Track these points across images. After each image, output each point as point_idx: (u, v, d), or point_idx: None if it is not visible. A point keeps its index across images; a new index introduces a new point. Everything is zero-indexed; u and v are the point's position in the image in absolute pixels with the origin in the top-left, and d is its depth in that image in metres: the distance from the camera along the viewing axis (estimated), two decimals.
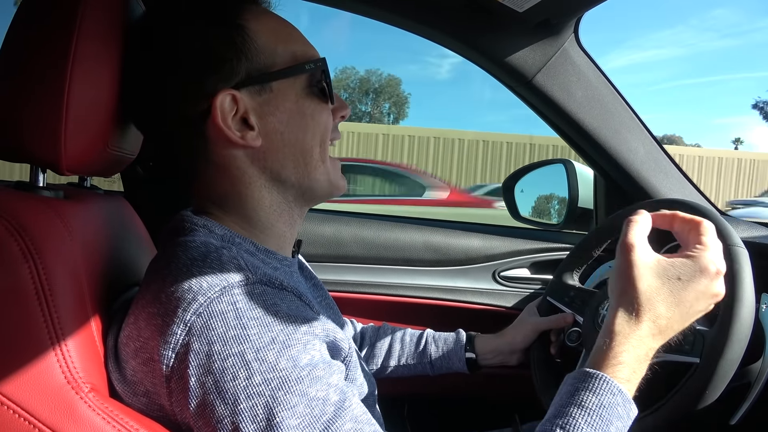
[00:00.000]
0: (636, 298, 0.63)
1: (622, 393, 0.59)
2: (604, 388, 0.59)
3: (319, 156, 0.69)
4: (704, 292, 0.65)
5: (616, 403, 0.59)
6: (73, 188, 0.78)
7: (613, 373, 0.60)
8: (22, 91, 0.59)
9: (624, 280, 0.64)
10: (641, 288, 0.63)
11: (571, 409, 0.58)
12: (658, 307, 0.63)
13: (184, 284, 0.55)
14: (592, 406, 0.58)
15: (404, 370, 1.04)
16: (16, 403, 0.51)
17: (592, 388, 0.59)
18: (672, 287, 0.64)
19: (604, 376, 0.60)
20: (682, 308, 0.64)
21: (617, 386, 0.59)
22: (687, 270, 0.64)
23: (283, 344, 0.54)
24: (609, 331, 0.63)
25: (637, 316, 0.63)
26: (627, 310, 0.63)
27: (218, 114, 0.62)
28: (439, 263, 1.37)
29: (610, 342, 0.62)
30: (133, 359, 0.56)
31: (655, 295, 0.63)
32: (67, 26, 0.59)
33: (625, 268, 0.65)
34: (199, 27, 0.63)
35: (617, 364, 0.61)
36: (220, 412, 0.51)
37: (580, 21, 1.08)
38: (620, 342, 0.62)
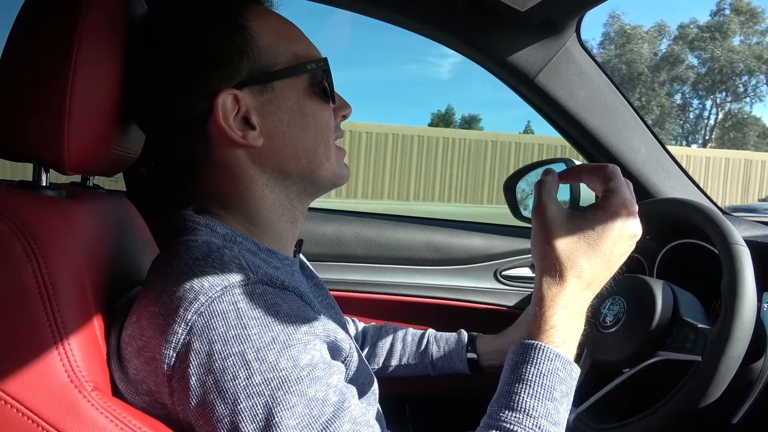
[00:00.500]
0: (555, 258, 0.63)
1: (560, 356, 0.60)
2: (540, 356, 0.59)
3: (323, 153, 0.69)
4: (620, 236, 0.64)
5: (555, 368, 0.59)
6: (76, 187, 0.78)
7: (547, 339, 0.61)
8: (25, 91, 0.60)
9: (541, 243, 0.64)
10: (558, 247, 0.63)
11: (514, 386, 0.59)
12: (579, 261, 0.63)
13: (186, 283, 0.55)
14: (532, 377, 0.58)
15: (405, 369, 1.04)
16: (20, 401, 0.51)
17: (529, 359, 0.60)
18: (588, 239, 0.63)
19: (539, 345, 0.60)
20: (603, 256, 0.63)
21: (553, 351, 0.60)
22: (599, 218, 0.64)
23: (284, 344, 0.54)
24: (537, 297, 0.63)
25: (560, 275, 0.62)
26: (549, 273, 0.63)
27: (220, 113, 0.62)
28: (441, 262, 1.37)
29: (540, 309, 0.62)
30: (136, 358, 0.56)
31: (573, 251, 0.63)
32: (69, 26, 0.59)
33: (540, 230, 0.65)
34: (201, 26, 0.63)
35: (550, 329, 0.61)
36: (219, 412, 0.51)
37: (582, 20, 1.08)
38: (549, 306, 0.62)
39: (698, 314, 0.87)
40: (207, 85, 0.62)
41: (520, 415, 0.57)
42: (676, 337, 0.84)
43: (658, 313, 0.85)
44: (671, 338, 0.84)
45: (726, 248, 0.80)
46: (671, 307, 0.86)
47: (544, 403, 0.57)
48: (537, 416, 0.56)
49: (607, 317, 0.89)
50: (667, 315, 0.85)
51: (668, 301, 0.87)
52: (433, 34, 1.14)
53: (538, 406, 0.57)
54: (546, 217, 0.64)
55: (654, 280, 0.91)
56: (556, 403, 0.58)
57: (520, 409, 0.57)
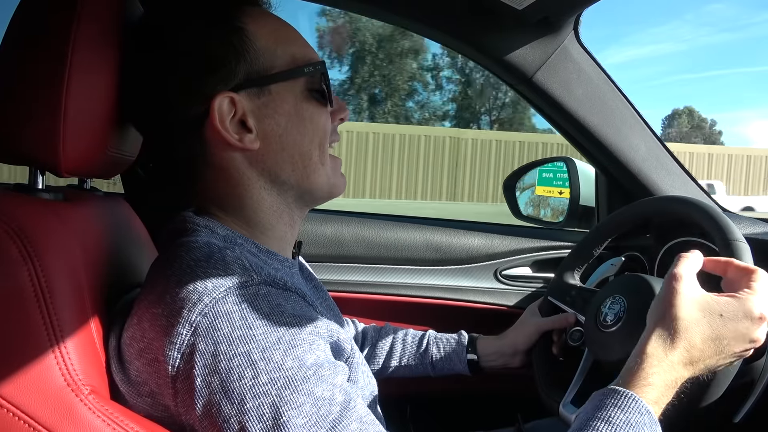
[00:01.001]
0: (673, 324, 0.63)
1: (650, 414, 0.59)
2: (632, 406, 0.58)
3: (318, 159, 0.68)
4: (744, 335, 0.64)
5: (643, 422, 0.58)
6: (72, 190, 0.78)
7: (642, 393, 0.60)
8: (21, 94, 0.59)
9: (665, 306, 0.65)
10: (680, 316, 0.63)
11: (597, 423, 0.57)
12: (694, 337, 0.63)
13: (189, 285, 0.54)
14: (618, 422, 0.57)
15: (405, 370, 1.04)
16: (16, 405, 0.51)
17: (620, 404, 0.58)
18: (712, 322, 0.63)
19: (633, 395, 0.59)
20: (719, 344, 0.63)
21: (645, 406, 0.58)
22: (731, 309, 0.64)
23: (289, 344, 0.54)
24: (641, 352, 0.63)
25: (672, 342, 0.62)
26: (662, 335, 0.63)
27: (216, 117, 0.62)
28: (441, 262, 1.36)
29: (641, 363, 0.62)
30: (138, 360, 0.56)
31: (693, 326, 0.63)
32: (65, 28, 0.59)
33: (668, 295, 0.65)
34: (197, 29, 0.63)
35: (647, 385, 0.60)
36: (226, 412, 0.51)
37: (580, 18, 1.08)
38: (652, 364, 0.61)
39: None
40: (203, 88, 0.62)
41: None
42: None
43: None
44: None
45: (726, 245, 0.79)
46: None
47: None
48: None
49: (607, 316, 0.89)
50: None
51: None
52: (431, 33, 1.14)
53: None
54: (678, 286, 0.65)
55: (654, 278, 0.90)
56: None
57: None
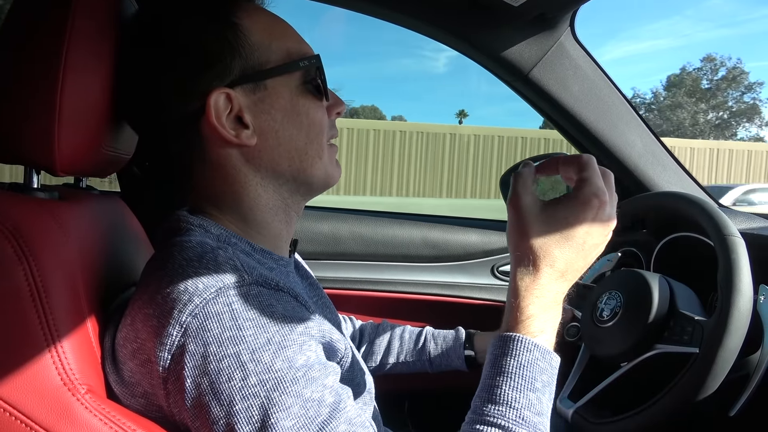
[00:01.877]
0: (529, 248, 0.62)
1: (538, 346, 0.60)
2: (519, 347, 0.59)
3: (315, 152, 0.68)
4: (593, 224, 0.63)
5: (535, 358, 0.59)
6: (68, 189, 0.77)
7: (525, 330, 0.60)
8: (16, 92, 0.59)
9: (515, 234, 0.64)
10: (532, 237, 0.62)
11: (495, 379, 0.59)
12: (552, 251, 0.62)
13: (180, 285, 0.54)
14: (512, 369, 0.58)
15: (403, 367, 1.04)
16: (13, 405, 0.51)
17: (508, 351, 0.59)
18: (560, 228, 0.63)
19: (517, 336, 0.60)
20: (576, 246, 0.63)
21: (531, 342, 0.60)
22: (571, 208, 0.63)
23: (279, 345, 0.53)
24: (512, 288, 0.63)
25: (534, 266, 0.62)
26: (523, 263, 0.63)
27: (212, 113, 0.62)
28: (438, 259, 1.37)
29: (515, 300, 0.62)
30: (131, 360, 0.56)
31: (546, 241, 0.62)
32: (59, 26, 0.58)
33: (514, 221, 0.64)
34: (192, 25, 0.63)
35: (526, 319, 0.61)
36: (215, 413, 0.51)
37: (576, 15, 1.08)
38: (524, 296, 0.62)
39: (695, 307, 0.87)
40: (199, 84, 0.62)
41: (503, 407, 0.57)
42: (673, 330, 0.84)
43: (655, 306, 0.85)
44: (668, 331, 0.84)
45: (721, 240, 0.80)
46: (668, 301, 0.86)
47: (526, 394, 0.57)
48: (520, 408, 0.57)
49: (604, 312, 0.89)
50: (664, 308, 0.85)
51: (665, 294, 0.87)
52: (427, 31, 1.13)
53: (520, 398, 0.57)
54: (520, 207, 0.64)
55: (650, 273, 0.91)
56: (538, 393, 0.58)
57: (502, 401, 0.57)
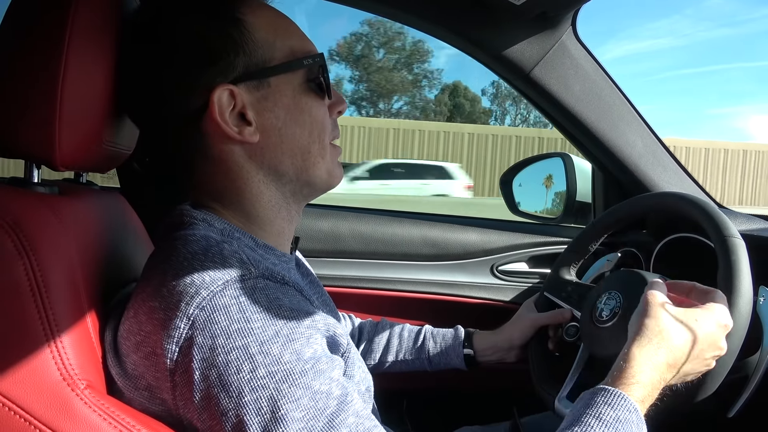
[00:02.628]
0: (655, 329, 0.67)
1: (638, 411, 0.61)
2: (621, 404, 0.60)
3: (318, 152, 0.68)
4: (715, 341, 0.69)
5: (632, 420, 0.60)
6: (68, 184, 0.77)
7: (629, 392, 0.62)
8: (16, 87, 0.59)
9: (645, 316, 0.69)
10: (661, 322, 0.68)
11: (589, 419, 0.59)
12: (675, 339, 0.67)
13: (186, 278, 0.54)
14: (609, 419, 0.59)
15: (402, 365, 1.05)
16: (12, 400, 0.51)
17: (609, 402, 0.61)
18: (688, 327, 0.68)
19: (622, 393, 0.61)
20: (696, 348, 0.68)
21: (633, 404, 0.61)
22: (703, 316, 0.69)
23: (287, 338, 0.54)
24: (628, 353, 0.66)
25: (656, 345, 0.66)
26: (646, 339, 0.67)
27: (215, 109, 0.62)
28: (437, 258, 1.37)
29: (628, 363, 0.65)
30: (135, 353, 0.56)
31: (672, 331, 0.67)
32: (60, 20, 0.58)
33: (646, 307, 0.70)
34: (196, 21, 0.63)
35: (634, 383, 0.63)
36: (224, 405, 0.51)
37: (578, 14, 1.08)
38: (639, 364, 0.65)
39: None
40: (202, 80, 0.62)
41: None
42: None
43: None
44: None
45: (722, 241, 0.80)
46: None
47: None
48: None
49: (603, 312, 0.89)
50: None
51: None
52: (428, 28, 1.13)
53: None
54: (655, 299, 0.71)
55: (650, 274, 0.90)
56: None
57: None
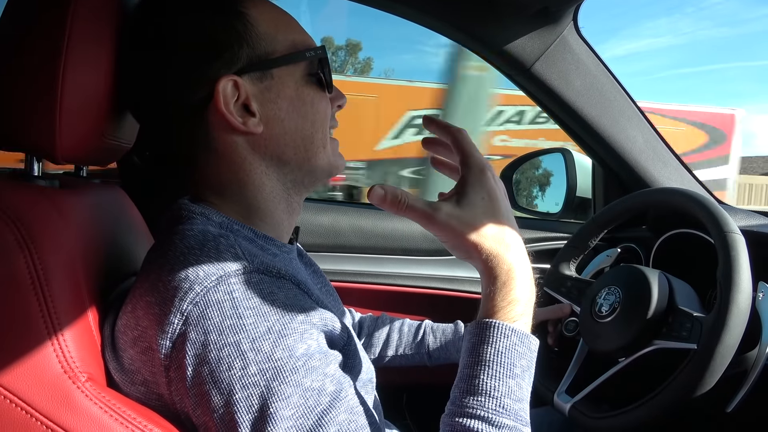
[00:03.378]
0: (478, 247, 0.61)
1: (515, 331, 0.59)
2: (496, 334, 0.59)
3: (320, 142, 0.69)
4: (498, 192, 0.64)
5: (513, 344, 0.59)
6: (69, 177, 0.77)
7: (504, 316, 0.60)
8: (17, 79, 0.59)
9: (462, 247, 0.62)
10: (472, 238, 0.61)
11: (474, 369, 0.58)
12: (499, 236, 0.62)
13: (181, 273, 0.54)
14: (490, 356, 0.58)
15: (402, 360, 1.05)
16: (13, 392, 0.51)
17: (485, 339, 0.59)
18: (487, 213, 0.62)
19: (494, 322, 0.59)
20: (505, 218, 0.63)
21: (509, 327, 0.59)
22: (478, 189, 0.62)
23: (279, 334, 0.53)
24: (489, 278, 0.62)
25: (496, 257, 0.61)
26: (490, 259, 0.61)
27: (221, 100, 0.62)
28: (437, 253, 1.37)
29: (493, 287, 0.61)
30: (131, 348, 0.56)
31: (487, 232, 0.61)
32: (60, 13, 0.58)
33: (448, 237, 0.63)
34: (200, 14, 0.63)
35: (507, 305, 0.60)
36: (216, 402, 0.51)
37: (579, 9, 1.08)
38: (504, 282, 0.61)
39: (694, 303, 0.87)
40: (208, 72, 0.62)
41: (482, 397, 0.56)
42: (671, 326, 0.84)
43: (653, 302, 0.85)
44: (667, 327, 0.84)
45: (721, 237, 0.80)
46: (667, 297, 0.86)
47: (506, 381, 0.57)
48: (499, 396, 0.56)
49: (602, 307, 0.89)
50: (663, 304, 0.85)
51: (664, 290, 0.87)
52: (429, 23, 1.13)
53: (499, 386, 0.57)
54: (437, 220, 0.62)
55: (650, 269, 0.91)
56: (518, 379, 0.58)
57: (481, 391, 0.57)
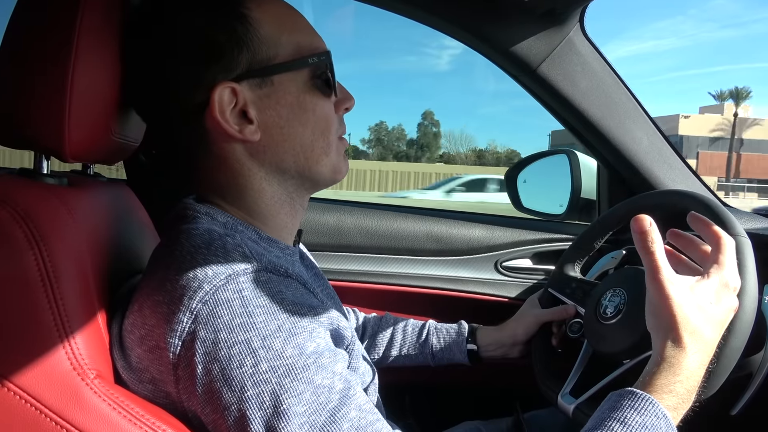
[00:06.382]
0: (685, 328, 0.62)
1: (666, 418, 0.58)
2: (649, 409, 0.57)
3: (322, 149, 0.67)
4: (730, 308, 0.67)
5: (659, 426, 0.57)
6: (76, 176, 0.78)
7: (660, 399, 0.59)
8: (26, 78, 0.59)
9: (665, 316, 0.63)
10: (690, 320, 0.62)
11: (612, 424, 0.57)
12: (706, 334, 0.63)
13: (189, 272, 0.55)
14: (634, 424, 0.56)
15: (405, 360, 1.05)
16: (23, 389, 0.52)
17: (636, 406, 0.58)
18: (708, 310, 0.64)
19: (650, 397, 0.58)
20: (720, 328, 0.65)
21: (662, 410, 0.58)
22: (715, 289, 0.65)
23: (290, 332, 0.54)
24: (661, 359, 0.62)
25: (691, 348, 0.62)
26: (675, 345, 0.62)
27: (216, 107, 0.61)
28: (441, 253, 1.37)
29: (660, 370, 0.61)
30: (139, 347, 0.56)
31: (697, 324, 0.62)
32: (69, 12, 0.58)
33: (661, 301, 0.63)
34: (199, 15, 0.62)
35: (668, 392, 0.60)
36: (227, 399, 0.51)
37: (585, 11, 1.07)
38: (674, 372, 0.61)
39: None
40: (204, 77, 0.61)
41: None
42: None
43: None
44: None
45: None
46: None
47: None
48: None
49: (607, 309, 0.89)
50: None
51: None
52: (435, 23, 1.13)
53: None
54: (666, 290, 0.63)
55: None
56: None
57: None
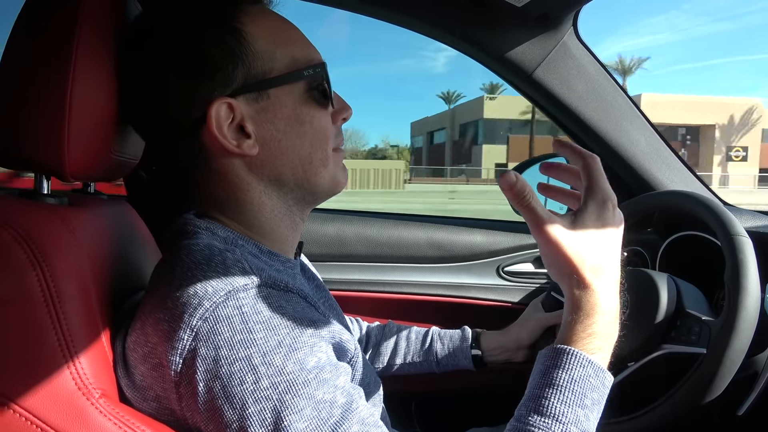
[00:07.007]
0: (583, 271, 0.60)
1: (593, 363, 0.59)
2: (573, 362, 0.59)
3: (320, 161, 0.67)
4: (617, 224, 0.63)
5: (588, 374, 0.58)
6: (77, 194, 0.78)
7: (583, 346, 0.60)
8: (25, 99, 0.59)
9: (561, 264, 0.61)
10: (581, 261, 0.60)
11: (544, 390, 0.58)
12: (603, 263, 0.61)
13: (190, 289, 0.54)
14: (563, 382, 0.58)
15: (410, 367, 1.05)
16: (28, 410, 0.52)
17: (561, 364, 0.59)
18: (594, 240, 0.61)
19: (572, 350, 0.59)
20: (610, 252, 0.62)
21: (586, 357, 0.59)
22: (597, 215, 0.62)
23: (290, 347, 0.54)
24: (572, 305, 0.61)
25: (586, 285, 0.61)
26: (580, 287, 0.61)
27: (213, 123, 0.61)
28: (443, 260, 1.37)
29: (576, 315, 0.61)
30: (142, 365, 0.56)
31: (589, 257, 0.60)
32: (67, 33, 0.59)
33: (553, 252, 0.61)
34: (193, 30, 0.62)
35: (587, 336, 0.60)
36: (228, 417, 0.51)
37: (579, 14, 1.08)
38: (588, 314, 0.60)
39: (702, 306, 0.87)
40: (200, 93, 0.61)
41: (549, 420, 0.56)
42: (680, 330, 0.84)
43: (662, 306, 0.85)
44: (675, 331, 0.84)
45: (728, 239, 0.80)
46: (675, 300, 0.86)
47: (575, 409, 0.57)
48: (566, 422, 0.56)
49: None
50: (671, 308, 0.85)
51: (672, 293, 0.87)
52: (431, 32, 1.14)
53: (568, 412, 0.56)
54: (549, 231, 0.60)
55: (657, 273, 0.91)
56: (587, 410, 0.57)
57: (549, 414, 0.56)
